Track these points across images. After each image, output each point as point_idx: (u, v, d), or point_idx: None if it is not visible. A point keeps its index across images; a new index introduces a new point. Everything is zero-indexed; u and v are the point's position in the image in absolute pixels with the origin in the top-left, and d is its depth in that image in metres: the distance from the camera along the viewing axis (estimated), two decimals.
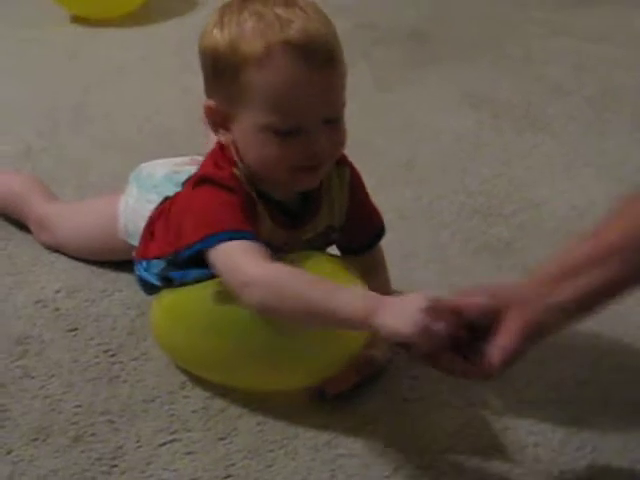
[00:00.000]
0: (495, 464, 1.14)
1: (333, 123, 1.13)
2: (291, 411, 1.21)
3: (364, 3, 2.82)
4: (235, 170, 1.16)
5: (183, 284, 1.21)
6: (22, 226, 1.58)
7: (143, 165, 1.47)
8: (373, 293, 1.05)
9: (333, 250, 1.33)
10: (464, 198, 1.73)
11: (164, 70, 2.35)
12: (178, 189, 1.34)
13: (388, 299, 1.01)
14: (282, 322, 1.11)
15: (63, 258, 1.50)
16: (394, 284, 1.43)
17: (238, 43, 1.08)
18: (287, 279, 1.06)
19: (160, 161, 1.47)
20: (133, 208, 1.39)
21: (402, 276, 1.47)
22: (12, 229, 1.59)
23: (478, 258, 1.55)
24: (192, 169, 1.34)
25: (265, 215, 1.18)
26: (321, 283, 1.06)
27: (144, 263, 1.30)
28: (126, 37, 2.56)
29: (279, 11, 1.08)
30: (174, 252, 1.20)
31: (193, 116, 2.00)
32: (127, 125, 2.02)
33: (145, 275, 1.30)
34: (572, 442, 1.18)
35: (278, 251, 1.19)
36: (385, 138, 1.97)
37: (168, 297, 1.24)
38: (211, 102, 1.15)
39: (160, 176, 1.41)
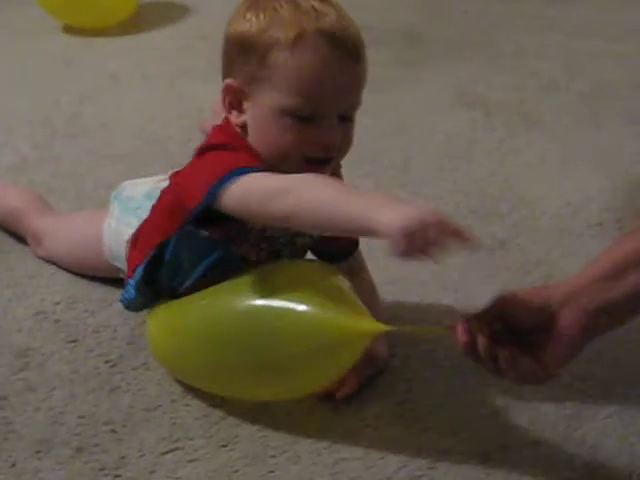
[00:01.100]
0: (495, 463, 1.15)
1: (347, 121, 1.16)
2: (291, 417, 1.21)
3: (359, 4, 2.81)
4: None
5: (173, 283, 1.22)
6: (21, 238, 1.58)
7: (124, 184, 1.47)
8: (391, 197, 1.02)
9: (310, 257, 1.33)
10: (459, 198, 1.74)
11: (157, 78, 2.35)
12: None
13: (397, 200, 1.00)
14: (276, 333, 1.12)
15: (62, 270, 1.51)
16: (390, 285, 1.44)
17: (272, 27, 1.11)
18: (319, 179, 1.05)
19: (141, 180, 1.47)
20: (115, 231, 1.39)
21: (398, 277, 1.48)
22: (11, 241, 1.60)
23: (474, 257, 1.55)
24: None
25: None
26: (344, 186, 1.09)
27: (130, 281, 1.30)
28: (119, 46, 2.57)
29: (314, 3, 1.13)
30: (173, 230, 1.20)
31: (187, 124, 2.02)
32: (122, 134, 2.02)
33: (127, 295, 1.30)
34: (572, 438, 1.19)
35: (264, 242, 1.21)
36: (380, 139, 1.97)
37: (162, 311, 1.25)
38: (231, 81, 1.16)
39: (140, 196, 1.40)
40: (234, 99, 1.17)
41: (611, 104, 2.16)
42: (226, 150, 1.15)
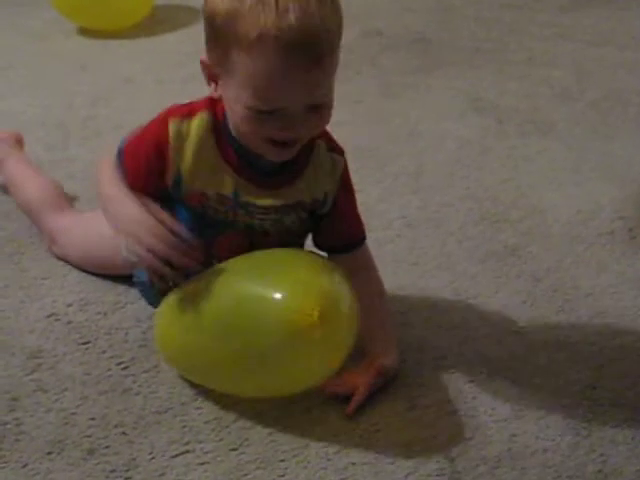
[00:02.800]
0: (504, 470, 1.15)
1: (318, 108, 1.15)
2: (302, 421, 1.22)
3: (370, 10, 2.83)
4: (203, 114, 1.23)
5: None
6: (35, 240, 1.60)
7: None
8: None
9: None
10: (470, 205, 1.75)
11: (171, 81, 2.36)
12: None
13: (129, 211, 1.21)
14: (256, 322, 1.14)
15: (75, 271, 1.52)
16: (401, 291, 1.45)
17: (234, 20, 1.10)
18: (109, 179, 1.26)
19: None
20: None
21: (410, 284, 1.49)
22: (25, 243, 1.61)
23: (485, 265, 1.56)
24: None
25: (226, 167, 1.23)
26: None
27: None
28: (133, 48, 2.58)
29: None
30: None
31: None
32: None
33: (139, 277, 1.35)
34: (580, 447, 1.19)
35: (241, 207, 1.25)
36: (391, 146, 1.98)
37: (165, 308, 1.26)
38: (206, 59, 1.18)
39: None
40: (209, 75, 1.19)
41: (622, 112, 2.16)
42: (145, 130, 1.27)
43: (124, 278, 1.47)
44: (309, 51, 1.09)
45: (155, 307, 1.33)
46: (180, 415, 1.23)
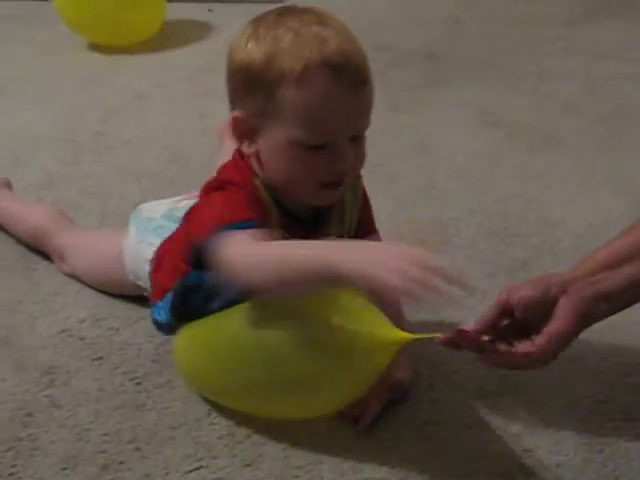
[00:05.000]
0: None
1: (358, 140, 1.16)
2: (315, 436, 1.22)
3: (379, 25, 2.84)
4: (255, 179, 1.19)
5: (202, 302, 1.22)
6: (47, 255, 1.60)
7: (143, 206, 1.49)
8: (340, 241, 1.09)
9: None
10: (480, 219, 1.75)
11: (181, 96, 2.38)
12: (178, 225, 1.36)
13: (354, 243, 1.06)
14: (303, 348, 1.13)
15: (87, 287, 1.52)
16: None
17: (275, 59, 1.11)
18: (256, 248, 1.08)
19: (157, 202, 1.49)
20: (136, 250, 1.41)
21: None
22: (37, 258, 1.61)
23: (495, 279, 1.56)
24: (190, 202, 1.34)
25: (278, 225, 1.19)
26: (288, 242, 1.10)
27: (159, 303, 1.33)
28: (143, 64, 2.59)
29: (315, 29, 1.12)
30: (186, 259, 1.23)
31: (210, 142, 2.04)
32: (146, 152, 2.04)
33: (159, 317, 1.34)
34: (594, 462, 1.18)
35: None
36: (401, 160, 1.99)
37: (189, 329, 1.26)
38: (239, 113, 1.17)
39: (160, 216, 1.43)
40: (244, 131, 1.17)
41: (632, 126, 2.16)
42: (236, 190, 1.16)
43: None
44: (355, 73, 1.12)
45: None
46: (194, 430, 1.24)
